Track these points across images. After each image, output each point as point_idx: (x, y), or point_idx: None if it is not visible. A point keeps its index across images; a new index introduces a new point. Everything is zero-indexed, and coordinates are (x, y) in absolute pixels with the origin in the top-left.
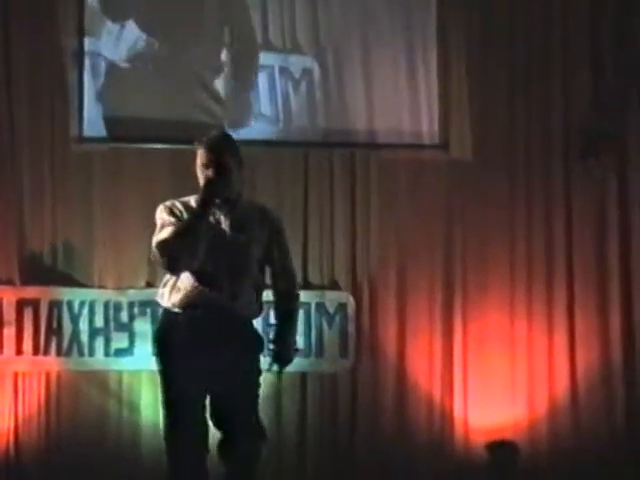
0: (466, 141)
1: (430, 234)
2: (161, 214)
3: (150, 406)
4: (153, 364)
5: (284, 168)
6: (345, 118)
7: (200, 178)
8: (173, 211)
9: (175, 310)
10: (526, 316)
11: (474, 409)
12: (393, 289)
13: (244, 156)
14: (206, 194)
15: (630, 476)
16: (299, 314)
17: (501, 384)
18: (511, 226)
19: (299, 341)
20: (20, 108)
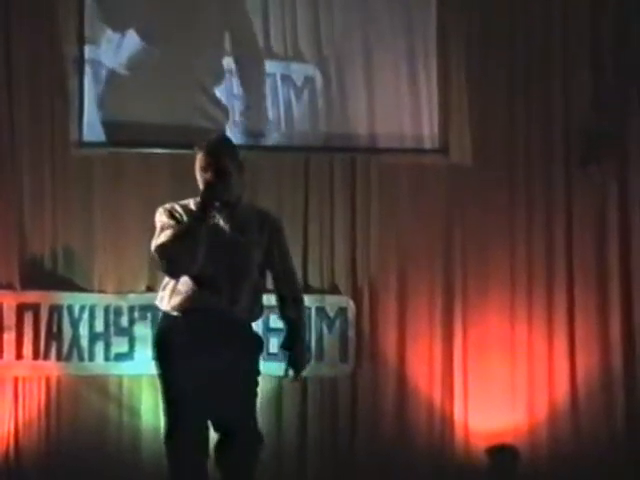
0: (466, 145)
1: (430, 238)
2: (161, 217)
3: (150, 411)
4: (153, 369)
5: (285, 172)
6: (347, 125)
7: (200, 182)
8: (173, 214)
9: (174, 314)
10: (526, 320)
11: (474, 413)
12: (393, 293)
13: (244, 160)
14: (206, 197)
15: None
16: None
17: (501, 388)
18: (511, 230)
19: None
20: (20, 112)
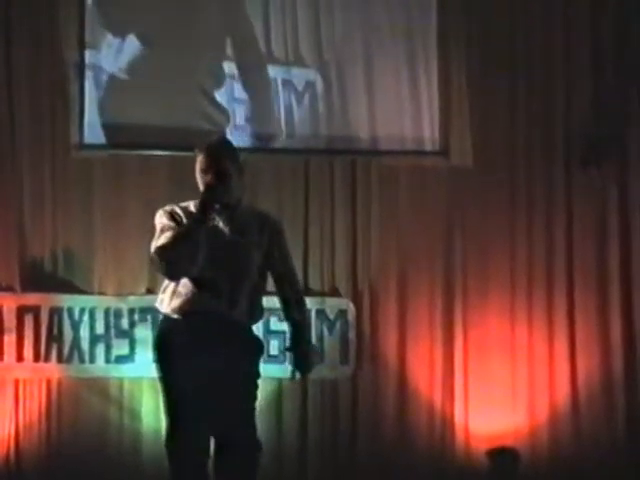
0: (466, 148)
1: (430, 241)
2: (160, 219)
3: (151, 413)
4: (154, 371)
5: (285, 175)
6: (348, 129)
7: (200, 184)
8: (173, 216)
9: (175, 316)
10: (527, 323)
11: (475, 415)
12: (394, 295)
13: (245, 163)
14: (206, 199)
15: None
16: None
17: (502, 391)
18: (511, 233)
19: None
20: (21, 114)
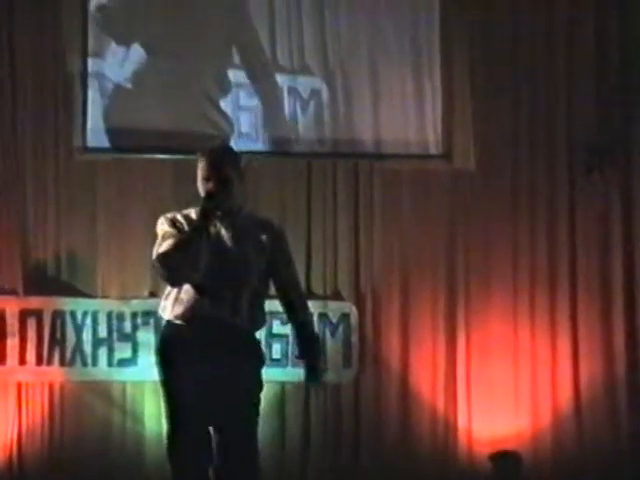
0: (469, 151)
1: (433, 244)
2: (162, 226)
3: (153, 416)
4: (156, 374)
5: (287, 179)
6: (352, 138)
7: (201, 190)
8: (174, 223)
9: (178, 322)
10: (529, 326)
11: (477, 419)
12: (396, 299)
13: (246, 167)
14: (207, 206)
15: None
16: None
17: (504, 394)
18: (514, 236)
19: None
20: (24, 118)
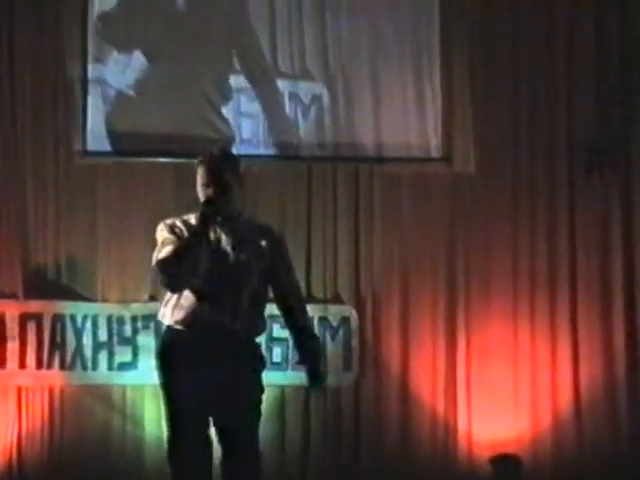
0: (469, 154)
1: (433, 248)
2: (161, 232)
3: (153, 420)
4: (156, 378)
5: (288, 182)
6: (353, 143)
7: (200, 196)
8: (173, 229)
9: (178, 327)
10: (529, 329)
11: (478, 422)
12: (396, 302)
13: (247, 171)
14: (206, 212)
15: None
16: None
17: (504, 397)
18: (514, 239)
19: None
20: (24, 121)
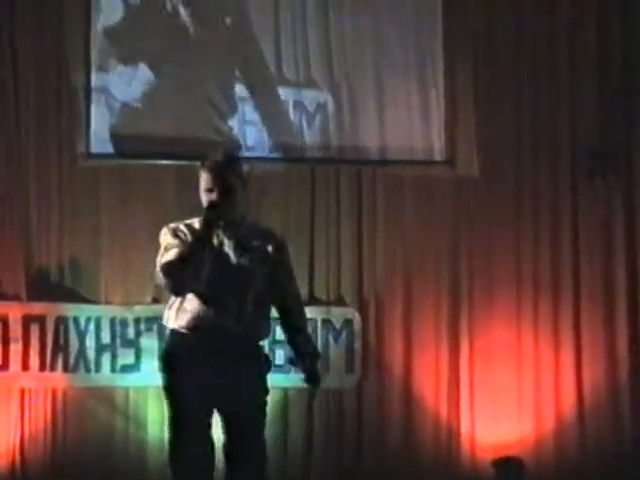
0: (472, 157)
1: (436, 250)
2: (165, 237)
3: (156, 422)
4: (159, 380)
5: (291, 185)
6: (358, 151)
7: (204, 201)
8: (177, 233)
9: (182, 331)
10: (533, 332)
11: (480, 425)
12: (399, 305)
13: (250, 174)
14: (209, 216)
15: None
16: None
17: (508, 400)
18: (517, 243)
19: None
20: (27, 124)
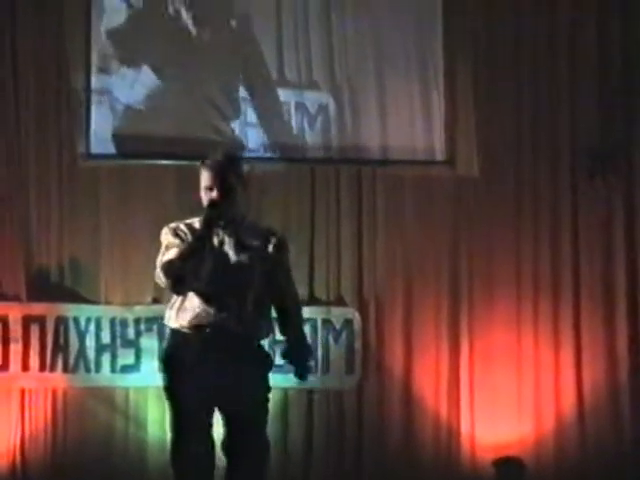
0: (472, 157)
1: (436, 250)
2: (166, 236)
3: (156, 422)
4: (159, 380)
5: (291, 185)
6: (359, 153)
7: (204, 200)
8: (177, 233)
9: (183, 331)
10: (533, 333)
11: (481, 425)
12: (399, 305)
13: (250, 174)
14: (210, 215)
15: None
16: (306, 329)
17: (508, 401)
18: (517, 243)
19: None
20: (27, 124)
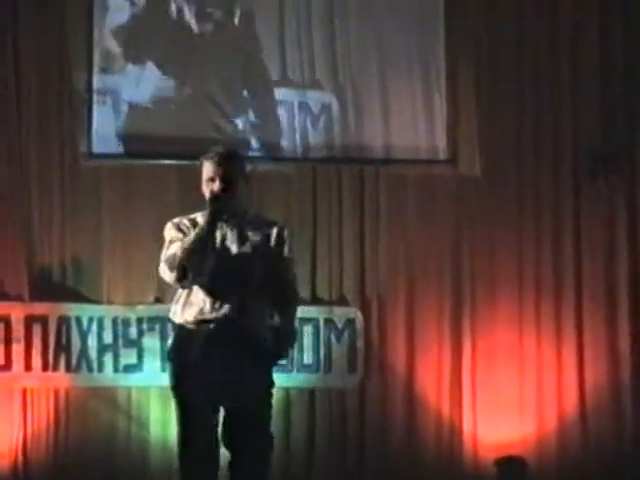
0: (474, 156)
1: (439, 250)
2: (169, 231)
3: (159, 422)
4: (162, 380)
5: (293, 184)
6: (362, 152)
7: (206, 192)
8: (180, 228)
9: (189, 326)
10: (535, 332)
11: (483, 425)
12: (402, 305)
13: (252, 172)
14: (213, 208)
15: None
16: (302, 327)
17: (510, 400)
18: (520, 243)
19: (307, 356)
20: (29, 124)
